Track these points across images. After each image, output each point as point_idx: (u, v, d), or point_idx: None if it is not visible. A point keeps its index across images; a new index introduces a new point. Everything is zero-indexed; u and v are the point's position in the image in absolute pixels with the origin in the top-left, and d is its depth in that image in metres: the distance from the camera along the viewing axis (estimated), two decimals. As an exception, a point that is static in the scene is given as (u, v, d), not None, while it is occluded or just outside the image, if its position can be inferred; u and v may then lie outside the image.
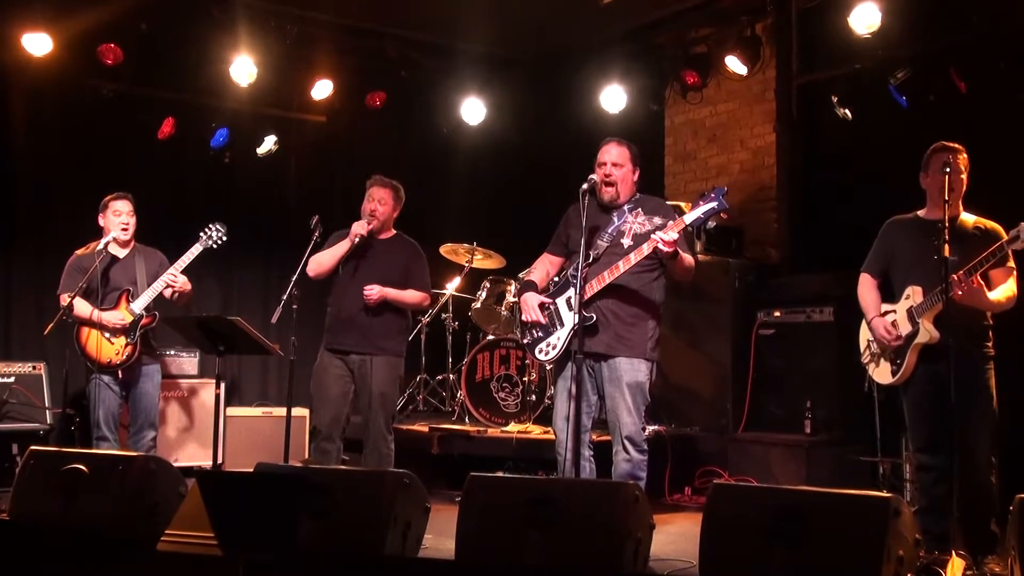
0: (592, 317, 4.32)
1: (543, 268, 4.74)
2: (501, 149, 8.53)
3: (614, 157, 4.49)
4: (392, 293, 5.24)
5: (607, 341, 4.37)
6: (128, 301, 5.43)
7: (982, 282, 4.10)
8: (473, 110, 8.06)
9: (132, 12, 6.69)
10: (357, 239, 5.22)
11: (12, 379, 6.24)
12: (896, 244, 4.50)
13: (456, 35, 7.90)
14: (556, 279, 4.80)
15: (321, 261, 5.31)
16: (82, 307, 5.34)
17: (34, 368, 6.36)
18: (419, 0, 7.35)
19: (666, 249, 4.14)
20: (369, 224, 5.27)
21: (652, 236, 4.18)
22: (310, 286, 5.37)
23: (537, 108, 8.39)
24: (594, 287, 4.34)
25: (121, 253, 5.56)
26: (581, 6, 7.28)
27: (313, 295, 5.55)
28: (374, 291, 5.18)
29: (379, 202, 5.33)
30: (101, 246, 5.36)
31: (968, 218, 4.35)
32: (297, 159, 8.07)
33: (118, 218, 5.49)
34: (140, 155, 7.29)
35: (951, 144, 4.32)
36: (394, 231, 5.50)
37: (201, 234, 5.53)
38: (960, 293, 4.04)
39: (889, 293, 4.53)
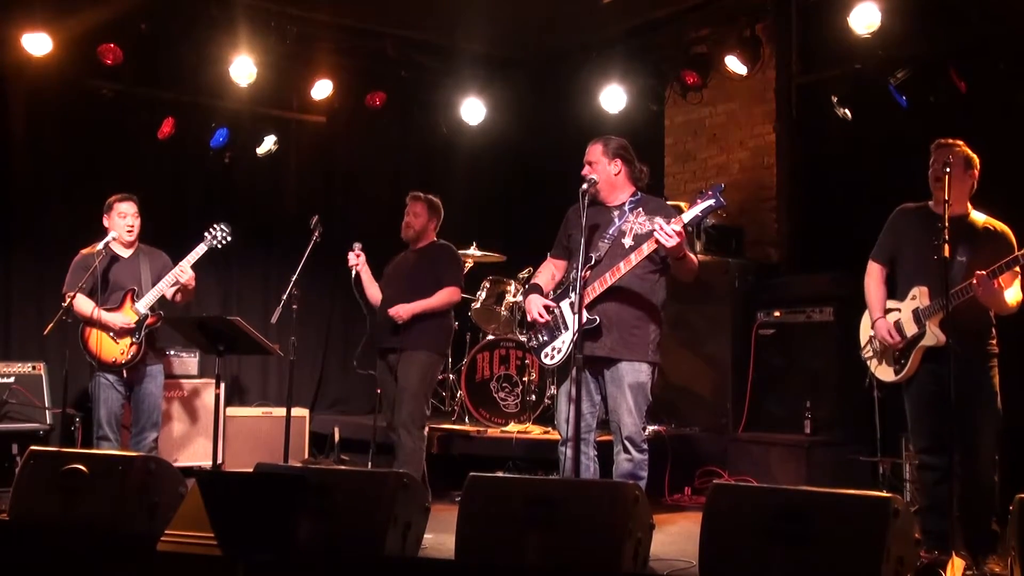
0: (596, 320, 4.32)
1: (548, 272, 4.73)
2: (501, 149, 8.53)
3: (588, 155, 4.54)
4: (419, 306, 5.46)
5: (610, 345, 4.36)
6: (133, 301, 5.45)
7: (1001, 284, 4.10)
8: (473, 110, 8.05)
9: (132, 12, 6.67)
10: (353, 271, 5.58)
11: (12, 379, 6.23)
12: (903, 236, 4.46)
13: (456, 35, 7.90)
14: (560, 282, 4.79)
15: (371, 293, 5.72)
16: (84, 305, 5.34)
17: (34, 368, 6.36)
18: (419, 0, 7.35)
19: (669, 243, 4.02)
20: (405, 235, 5.67)
21: (654, 233, 4.07)
22: (310, 286, 5.37)
23: (537, 108, 8.38)
24: (596, 290, 4.33)
25: (125, 253, 5.57)
26: (581, 6, 7.27)
27: (313, 295, 5.55)
28: (400, 311, 5.41)
29: (413, 215, 5.68)
30: (101, 245, 5.37)
31: (978, 217, 4.33)
32: (297, 159, 8.06)
33: (123, 220, 5.50)
34: (140, 155, 7.30)
35: (952, 141, 4.30)
36: (434, 239, 5.76)
37: (206, 234, 5.54)
38: (981, 290, 4.03)
39: (894, 284, 4.50)
